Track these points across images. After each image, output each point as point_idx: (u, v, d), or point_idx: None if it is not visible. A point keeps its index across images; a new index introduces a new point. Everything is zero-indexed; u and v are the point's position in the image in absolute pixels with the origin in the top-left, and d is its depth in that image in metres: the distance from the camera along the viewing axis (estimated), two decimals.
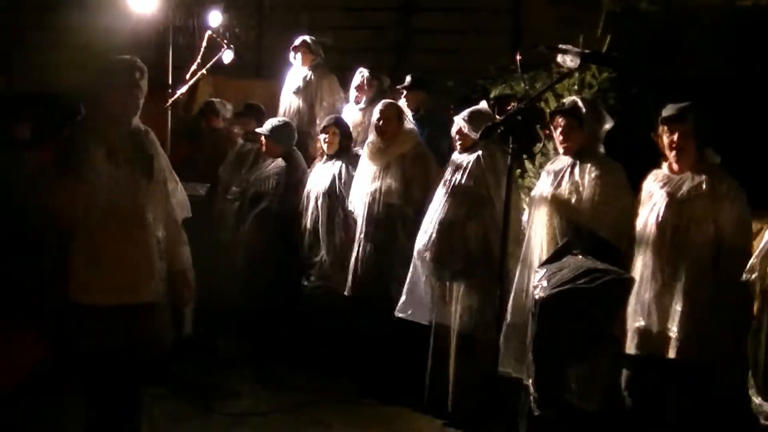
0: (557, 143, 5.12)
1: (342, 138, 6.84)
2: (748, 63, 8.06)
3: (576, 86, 6.81)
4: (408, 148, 6.21)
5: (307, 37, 8.40)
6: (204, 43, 7.30)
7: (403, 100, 7.28)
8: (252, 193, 7.27)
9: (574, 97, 5.27)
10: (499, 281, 4.23)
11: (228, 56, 7.43)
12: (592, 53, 4.26)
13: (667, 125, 4.70)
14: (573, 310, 4.45)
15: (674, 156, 4.69)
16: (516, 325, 4.97)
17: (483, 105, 5.91)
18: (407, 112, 6.57)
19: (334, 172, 6.69)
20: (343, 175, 6.66)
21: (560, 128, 5.04)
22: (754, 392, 4.30)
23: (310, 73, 8.32)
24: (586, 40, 6.40)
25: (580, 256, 4.63)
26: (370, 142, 6.35)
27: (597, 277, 4.43)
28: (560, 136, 5.05)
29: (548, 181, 5.11)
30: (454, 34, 12.17)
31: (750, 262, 4.33)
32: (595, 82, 6.91)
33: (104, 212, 4.30)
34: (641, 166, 4.91)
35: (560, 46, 4.06)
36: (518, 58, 4.24)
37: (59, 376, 4.79)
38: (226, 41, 7.38)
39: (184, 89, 7.14)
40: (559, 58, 4.12)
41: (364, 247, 6.25)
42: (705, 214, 4.53)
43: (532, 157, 6.17)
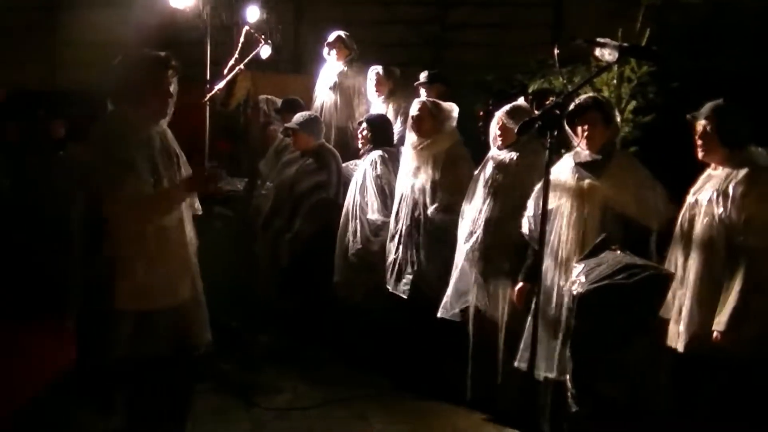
0: (580, 140, 5.04)
1: (374, 134, 6.81)
2: None
3: (615, 80, 6.76)
4: (443, 149, 6.16)
5: (341, 33, 8.41)
6: (242, 39, 7.30)
7: (423, 95, 7.25)
8: (302, 188, 7.25)
9: (591, 94, 5.24)
10: (537, 280, 4.20)
11: (265, 51, 7.43)
12: (631, 47, 4.19)
13: (692, 125, 4.67)
14: (611, 305, 4.41)
15: (700, 154, 4.66)
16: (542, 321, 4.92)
17: (521, 101, 5.87)
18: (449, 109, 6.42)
19: (377, 173, 6.67)
20: (370, 173, 6.65)
21: (586, 124, 4.98)
22: None
23: (346, 69, 8.32)
24: (626, 33, 6.34)
25: (618, 252, 4.59)
26: (410, 139, 6.32)
27: (635, 272, 4.39)
28: (587, 132, 4.99)
29: (577, 174, 5.04)
30: (491, 29, 12.12)
31: None
32: (634, 76, 6.86)
33: None
34: (680, 161, 4.85)
35: (598, 39, 4.02)
36: (556, 52, 4.20)
37: (86, 381, 4.79)
38: (263, 36, 7.37)
39: (221, 84, 7.15)
40: (598, 52, 4.08)
41: (398, 243, 6.24)
42: (735, 210, 4.46)
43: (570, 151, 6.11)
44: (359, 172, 6.80)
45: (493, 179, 5.64)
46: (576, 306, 4.53)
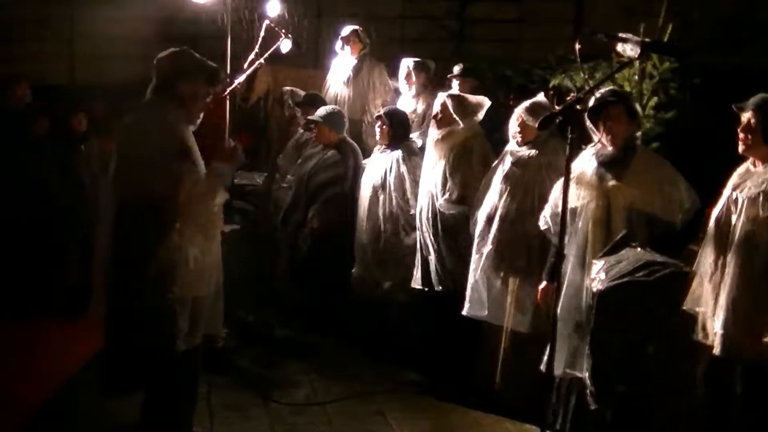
0: (601, 135, 5.00)
1: (394, 128, 6.79)
2: None
3: (636, 76, 6.71)
4: (458, 141, 6.14)
5: (356, 27, 8.40)
6: (262, 33, 7.30)
7: (455, 89, 7.22)
8: (318, 181, 7.27)
9: (612, 87, 5.17)
10: (558, 278, 4.17)
11: (286, 46, 7.42)
12: (653, 42, 4.19)
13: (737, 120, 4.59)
14: (631, 303, 4.39)
15: (741, 148, 4.58)
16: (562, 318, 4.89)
17: (541, 97, 5.83)
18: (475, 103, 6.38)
19: (386, 166, 6.66)
20: (394, 169, 6.62)
21: (610, 119, 4.93)
22: None
23: (360, 63, 8.31)
24: (648, 28, 6.30)
25: (638, 249, 4.56)
26: (432, 133, 6.31)
27: (656, 270, 4.37)
28: (612, 127, 4.94)
29: (600, 171, 5.00)
30: (512, 24, 12.10)
31: None
32: (656, 72, 6.81)
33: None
34: (703, 157, 4.80)
35: (620, 34, 3.99)
36: (577, 47, 4.18)
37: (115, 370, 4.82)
38: (284, 31, 7.37)
39: (241, 79, 7.15)
40: (619, 47, 4.06)
41: (419, 239, 6.23)
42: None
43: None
44: (377, 166, 6.78)
45: (511, 175, 5.61)
46: (596, 303, 4.50)
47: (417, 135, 7.23)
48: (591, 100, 4.79)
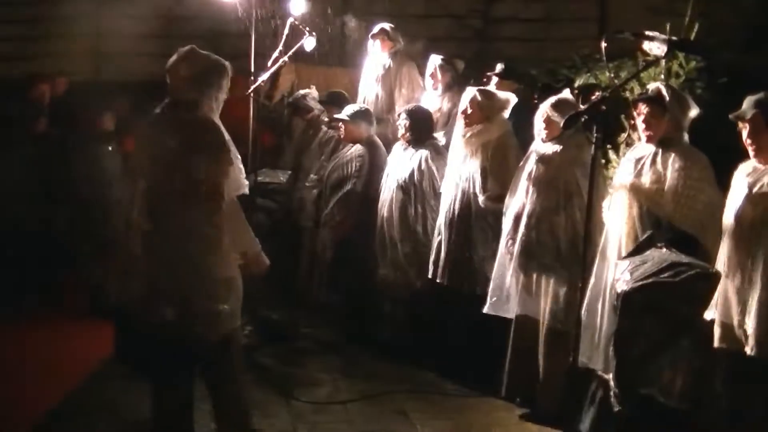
0: (639, 131, 5.00)
1: (415, 126, 6.77)
2: None
3: (662, 75, 6.66)
4: (492, 138, 6.12)
5: (385, 25, 8.37)
6: (286, 31, 7.30)
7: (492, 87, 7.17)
8: (334, 179, 7.29)
9: (658, 84, 5.13)
10: (583, 273, 4.15)
11: (310, 43, 7.42)
12: (680, 40, 4.15)
13: (738, 121, 4.54)
14: (656, 304, 4.36)
15: (750, 150, 4.54)
16: (589, 315, 4.87)
17: (567, 93, 5.81)
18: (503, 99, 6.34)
19: (413, 166, 6.63)
20: (423, 168, 6.61)
21: (643, 115, 4.91)
22: None
23: (390, 61, 8.29)
24: (673, 27, 6.25)
25: (664, 249, 4.53)
26: (459, 129, 6.30)
27: (681, 271, 4.33)
28: (643, 124, 4.92)
29: (629, 169, 4.99)
30: (536, 22, 12.05)
31: None
32: (682, 71, 6.75)
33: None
34: (731, 159, 4.74)
35: (647, 33, 3.96)
36: (603, 45, 4.14)
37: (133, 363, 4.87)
38: (308, 28, 7.37)
39: (265, 76, 7.16)
40: (645, 46, 4.03)
41: (445, 235, 6.21)
42: None
43: (616, 147, 6.05)
44: (402, 165, 6.76)
45: (536, 172, 5.59)
46: (620, 304, 4.47)
47: (441, 134, 7.21)
48: (618, 100, 4.77)
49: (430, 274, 6.31)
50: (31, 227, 7.21)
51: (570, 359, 4.06)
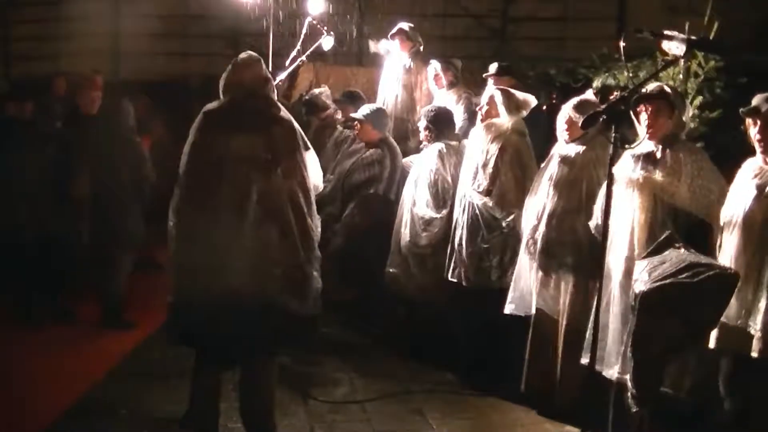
0: (642, 128, 4.95)
1: (436, 127, 6.75)
2: None
3: (681, 75, 6.64)
4: (499, 135, 6.10)
5: (404, 25, 8.37)
6: (305, 30, 7.32)
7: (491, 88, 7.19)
8: (354, 181, 7.27)
9: (659, 83, 5.11)
10: (600, 274, 4.13)
11: (328, 43, 7.44)
12: (699, 40, 4.12)
13: (748, 117, 4.52)
14: (674, 304, 4.33)
15: (759, 148, 4.51)
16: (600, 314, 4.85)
17: (590, 94, 5.79)
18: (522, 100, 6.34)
19: (430, 167, 6.62)
20: (440, 169, 6.59)
21: (648, 113, 4.88)
22: None
23: (410, 61, 8.29)
24: (692, 27, 6.22)
25: (682, 250, 4.50)
26: (475, 128, 6.29)
27: (700, 271, 4.29)
28: (648, 120, 4.89)
29: (631, 165, 4.95)
30: (555, 22, 12.04)
31: None
32: (701, 70, 6.73)
33: None
34: (747, 157, 4.73)
35: (666, 32, 3.95)
36: (622, 45, 4.13)
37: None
38: (326, 28, 7.38)
39: (283, 76, 7.18)
40: (665, 45, 4.02)
41: (459, 234, 6.20)
42: None
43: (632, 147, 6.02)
44: (417, 166, 6.76)
45: (558, 173, 5.57)
46: (638, 304, 4.45)
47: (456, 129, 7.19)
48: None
49: (446, 274, 6.29)
50: (49, 231, 7.18)
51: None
